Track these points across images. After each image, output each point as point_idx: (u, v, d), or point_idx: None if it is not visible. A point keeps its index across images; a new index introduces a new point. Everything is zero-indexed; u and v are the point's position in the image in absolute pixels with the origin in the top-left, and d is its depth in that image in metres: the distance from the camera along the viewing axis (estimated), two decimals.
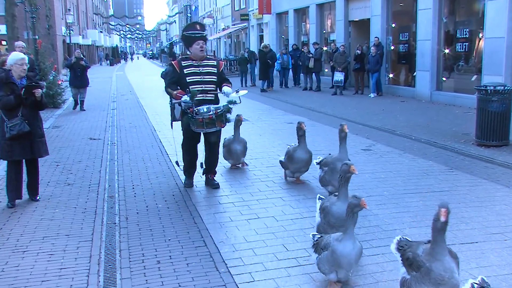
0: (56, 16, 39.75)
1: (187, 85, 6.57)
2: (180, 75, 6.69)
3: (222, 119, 6.56)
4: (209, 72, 6.77)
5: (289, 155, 7.08)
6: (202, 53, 6.76)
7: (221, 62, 7.16)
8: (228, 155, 8.10)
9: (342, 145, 6.22)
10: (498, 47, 13.18)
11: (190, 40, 6.74)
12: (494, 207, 6.05)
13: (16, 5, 20.18)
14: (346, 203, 4.25)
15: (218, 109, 6.49)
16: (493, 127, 9.11)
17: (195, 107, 6.39)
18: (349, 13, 22.14)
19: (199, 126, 6.52)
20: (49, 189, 7.12)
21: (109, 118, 14.41)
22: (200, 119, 6.41)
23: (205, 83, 6.69)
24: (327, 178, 6.25)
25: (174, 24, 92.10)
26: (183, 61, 6.80)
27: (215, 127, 6.59)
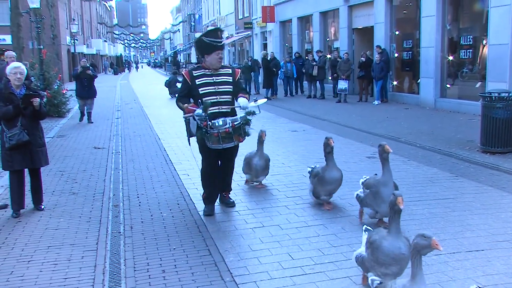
0: (60, 25, 39.97)
1: (200, 97, 5.92)
2: (192, 87, 6.07)
3: (240, 132, 5.84)
4: (224, 81, 6.11)
5: (320, 176, 6.26)
6: (220, 63, 6.16)
7: (237, 70, 6.47)
8: (247, 169, 7.48)
9: (386, 167, 5.55)
10: (502, 54, 13.16)
11: (210, 48, 6.07)
12: (500, 215, 6.02)
13: (22, 15, 20.31)
14: (399, 238, 3.98)
15: (235, 121, 5.81)
16: (498, 133, 9.08)
17: (210, 121, 5.72)
18: (353, 20, 22.17)
19: (215, 142, 5.81)
20: (54, 198, 7.13)
21: (114, 127, 14.45)
22: (216, 133, 5.72)
23: (220, 93, 6.02)
24: (368, 202, 5.66)
25: (178, 33, 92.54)
26: (195, 71, 6.17)
27: (233, 142, 5.89)
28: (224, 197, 6.62)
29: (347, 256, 4.88)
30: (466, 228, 5.57)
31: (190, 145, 6.47)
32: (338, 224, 5.84)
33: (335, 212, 6.27)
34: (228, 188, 6.63)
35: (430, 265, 4.59)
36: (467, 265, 4.61)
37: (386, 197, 5.14)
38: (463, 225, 5.63)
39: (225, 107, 6.04)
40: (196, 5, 70.03)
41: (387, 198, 5.05)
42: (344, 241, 5.30)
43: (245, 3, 41.58)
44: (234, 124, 5.78)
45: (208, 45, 6.07)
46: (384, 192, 5.37)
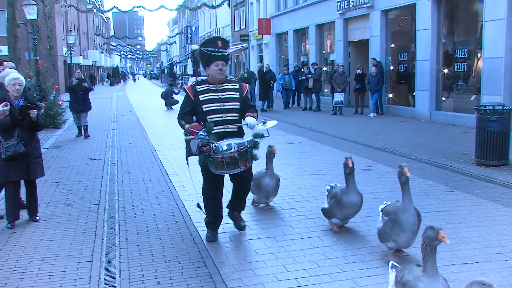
0: (57, 36, 40.03)
1: (204, 115, 5.43)
2: (195, 103, 5.53)
3: (247, 157, 5.30)
4: (231, 97, 5.55)
5: (337, 199, 5.75)
6: (221, 76, 5.55)
7: (244, 85, 5.83)
8: (256, 190, 6.86)
9: (405, 192, 4.98)
10: (497, 67, 13.26)
11: (208, 58, 5.55)
12: (494, 227, 6.04)
13: (19, 26, 20.36)
14: (437, 280, 3.52)
15: (241, 146, 5.24)
16: (492, 146, 9.13)
17: (213, 143, 5.19)
18: (349, 33, 22.33)
19: (219, 167, 5.27)
20: (49, 210, 7.11)
21: (110, 138, 14.45)
22: (219, 158, 5.17)
23: (226, 111, 5.48)
24: (387, 231, 5.02)
25: (175, 44, 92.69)
26: (199, 86, 5.62)
27: (239, 168, 5.30)
28: (235, 217, 6.06)
29: (342, 269, 4.88)
30: (460, 240, 5.59)
31: (188, 165, 5.95)
32: (333, 236, 5.84)
33: (329, 224, 6.27)
34: (240, 208, 6.06)
35: None
36: (462, 278, 4.62)
37: (406, 225, 4.87)
38: (458, 238, 5.65)
39: (231, 126, 5.50)
40: (193, 17, 70.32)
41: (407, 226, 4.84)
42: (339, 253, 5.31)
43: (241, 16, 41.82)
44: (240, 148, 5.22)
45: (206, 55, 5.57)
46: (404, 219, 4.90)
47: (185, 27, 72.62)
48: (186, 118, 5.55)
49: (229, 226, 6.27)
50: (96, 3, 67.28)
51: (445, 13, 16.21)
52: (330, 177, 8.77)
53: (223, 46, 5.62)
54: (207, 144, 5.18)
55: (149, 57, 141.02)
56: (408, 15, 18.39)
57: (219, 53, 5.56)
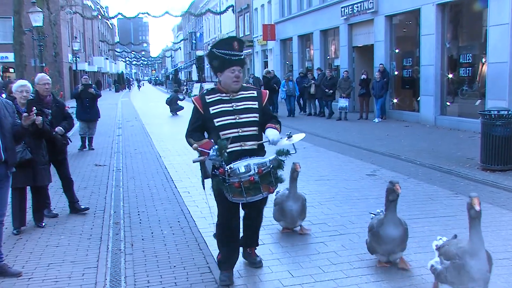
0: (63, 43, 40.25)
1: (217, 131, 4.50)
2: (205, 117, 4.57)
3: (271, 180, 4.36)
4: (247, 108, 4.58)
5: (374, 232, 4.96)
6: (237, 85, 4.59)
7: (264, 92, 4.84)
8: (280, 215, 6.04)
9: (474, 229, 3.98)
10: (502, 72, 13.25)
11: (222, 63, 4.57)
12: (500, 232, 6.02)
13: (25, 33, 20.49)
14: None
15: (262, 166, 4.31)
16: (497, 151, 9.11)
17: (228, 165, 4.29)
18: (353, 39, 22.35)
19: (236, 194, 4.32)
20: None
21: (115, 144, 14.48)
22: (237, 183, 4.24)
23: (242, 125, 4.52)
24: (450, 279, 4.08)
25: (179, 50, 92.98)
26: (208, 96, 4.64)
27: (261, 194, 4.35)
28: (249, 254, 5.17)
29: (347, 274, 4.88)
30: None
31: (205, 189, 4.84)
32: (338, 241, 5.84)
33: (335, 229, 6.27)
34: (254, 242, 5.17)
35: (430, 282, 4.58)
36: None
37: (477, 273, 3.91)
38: None
39: (249, 144, 4.54)
40: (197, 23, 70.55)
41: (477, 274, 3.91)
42: (344, 258, 5.30)
43: (246, 22, 41.93)
44: (261, 169, 4.28)
45: (220, 59, 4.57)
46: (473, 266, 3.92)
47: (189, 33, 72.86)
48: (195, 135, 4.57)
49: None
50: (101, 9, 67.63)
51: (449, 18, 16.22)
52: (335, 182, 8.77)
53: (240, 48, 4.65)
54: (221, 166, 4.26)
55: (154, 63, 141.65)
56: (413, 20, 18.40)
57: (235, 56, 4.57)
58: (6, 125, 4.96)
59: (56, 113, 7.15)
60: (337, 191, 8.19)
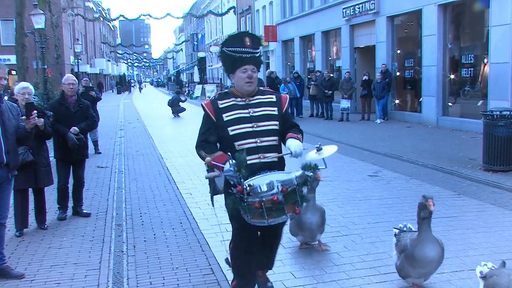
0: (64, 45, 40.34)
1: (231, 141, 3.92)
2: (218, 125, 3.98)
3: (296, 199, 3.71)
4: (267, 115, 4.01)
5: (408, 253, 4.29)
6: (250, 86, 4.01)
7: (283, 97, 4.26)
8: (297, 229, 5.50)
9: None
10: (504, 72, 13.24)
11: (233, 62, 4.01)
12: (502, 233, 6.01)
13: (27, 35, 20.53)
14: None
15: (287, 184, 3.66)
16: (500, 152, 9.10)
17: (246, 182, 3.64)
18: (354, 39, 22.35)
19: (257, 216, 3.67)
20: (57, 217, 7.14)
21: (117, 146, 14.50)
22: (257, 203, 3.61)
23: (261, 134, 3.94)
24: None
25: (181, 52, 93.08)
26: (221, 101, 4.04)
27: (285, 215, 3.71)
28: (260, 277, 4.43)
29: (350, 275, 4.88)
30: (468, 246, 5.57)
31: (214, 206, 4.59)
32: (340, 243, 5.84)
33: (337, 230, 6.27)
34: (268, 264, 4.46)
35: (433, 283, 4.59)
36: (470, 284, 4.60)
37: None
38: (466, 244, 5.63)
39: (269, 156, 3.95)
40: (199, 25, 70.60)
41: None
42: (346, 260, 5.30)
43: (247, 23, 41.93)
44: (285, 187, 3.63)
45: (230, 58, 4.01)
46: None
47: (191, 34, 72.95)
48: (207, 146, 3.98)
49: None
50: (103, 11, 67.72)
51: (451, 19, 16.21)
52: (337, 183, 8.77)
53: (253, 45, 4.03)
54: (239, 183, 3.63)
55: (155, 65, 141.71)
56: (414, 21, 18.39)
57: (247, 54, 3.99)
58: (10, 128, 4.97)
59: (79, 113, 7.26)
60: (339, 192, 8.19)
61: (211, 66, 60.18)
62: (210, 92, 32.20)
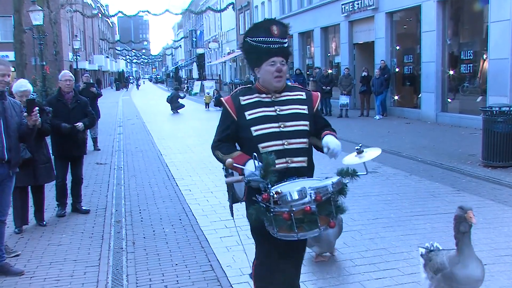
0: (63, 42, 40.26)
1: (254, 143, 3.37)
2: (239, 124, 3.45)
3: (331, 210, 3.14)
4: (295, 114, 3.47)
5: (446, 273, 3.73)
6: (279, 82, 3.44)
7: (315, 94, 3.70)
8: (313, 240, 4.98)
9: None
10: (503, 68, 13.23)
11: (258, 54, 3.46)
12: (502, 229, 6.01)
13: (25, 32, 20.49)
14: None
15: (321, 192, 3.08)
16: (499, 148, 9.10)
17: (273, 188, 3.08)
18: (353, 36, 22.34)
19: (284, 229, 3.08)
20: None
21: (116, 142, 14.49)
22: (286, 213, 3.02)
23: (289, 136, 3.40)
24: None
25: (180, 48, 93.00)
26: (244, 97, 3.51)
27: (317, 228, 3.08)
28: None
29: (349, 271, 4.88)
30: None
31: (234, 218, 3.95)
32: (339, 239, 5.81)
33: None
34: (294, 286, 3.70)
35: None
36: None
37: None
38: None
39: (297, 160, 3.42)
40: (198, 21, 70.52)
41: None
42: (346, 256, 5.30)
43: (246, 19, 41.90)
44: (320, 196, 3.05)
45: (255, 50, 3.47)
46: None
47: (190, 31, 72.87)
48: (225, 147, 3.48)
49: (236, 229, 6.27)
50: (101, 8, 67.57)
51: (450, 15, 16.20)
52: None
53: (281, 34, 3.48)
54: (265, 190, 3.07)
55: (154, 62, 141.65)
56: (413, 17, 18.37)
57: (275, 44, 3.44)
58: (12, 125, 4.95)
59: (77, 110, 7.26)
60: None
61: (210, 62, 60.16)
62: (209, 89, 32.11)
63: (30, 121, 5.01)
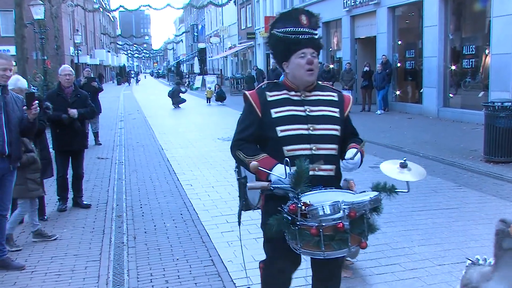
0: (64, 36, 40.22)
1: (279, 144, 3.03)
2: (264, 122, 3.09)
3: (363, 228, 2.83)
4: (326, 117, 3.14)
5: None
6: (311, 76, 3.09)
7: (347, 97, 3.35)
8: None
9: None
10: (505, 63, 13.18)
11: (287, 46, 3.12)
12: None
13: (26, 26, 20.45)
14: None
15: (357, 207, 2.75)
16: (501, 143, 9.07)
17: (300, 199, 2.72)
18: (355, 30, 22.27)
19: (311, 246, 2.73)
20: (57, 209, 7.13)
21: (117, 137, 14.48)
22: (314, 228, 2.67)
23: (318, 140, 3.07)
24: None
25: (181, 43, 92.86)
26: (271, 92, 3.16)
27: (347, 248, 2.75)
28: None
29: (350, 267, 4.86)
30: (470, 238, 5.55)
31: (240, 226, 3.76)
32: None
33: None
34: None
35: (434, 275, 4.58)
36: None
37: None
38: (467, 235, 5.62)
39: (325, 168, 3.09)
40: (199, 15, 70.41)
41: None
42: None
43: (248, 14, 41.83)
44: (354, 212, 2.71)
45: (282, 42, 3.13)
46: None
47: (191, 25, 72.74)
48: (249, 148, 3.09)
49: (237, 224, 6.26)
50: (102, 2, 67.48)
51: (452, 10, 16.13)
52: None
53: (311, 24, 3.20)
54: (294, 201, 2.71)
55: (155, 56, 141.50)
56: (415, 11, 18.30)
57: (305, 35, 3.11)
58: (13, 119, 4.93)
59: (77, 104, 7.24)
60: None
61: (211, 57, 60.09)
62: (210, 83, 32.07)
63: (30, 115, 4.99)
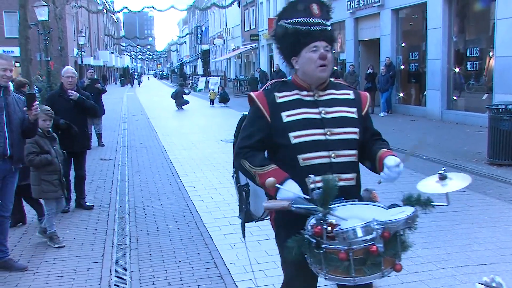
0: (68, 37, 40.32)
1: (293, 153, 2.64)
2: (274, 127, 2.69)
3: (397, 249, 2.42)
4: (343, 118, 2.74)
5: None
6: (324, 71, 2.72)
7: (363, 95, 2.93)
8: None
9: None
10: (509, 66, 13.14)
11: (296, 39, 2.73)
12: (508, 228, 5.97)
13: (30, 27, 20.50)
14: None
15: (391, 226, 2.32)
16: (505, 146, 9.04)
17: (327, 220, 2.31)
18: (359, 32, 22.25)
19: (339, 271, 2.29)
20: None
21: (120, 138, 14.49)
22: (343, 252, 2.24)
23: (336, 146, 2.68)
24: None
25: (185, 44, 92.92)
26: (280, 93, 2.75)
27: (380, 272, 2.32)
28: None
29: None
30: (473, 241, 5.53)
31: (245, 239, 3.28)
32: None
33: None
34: None
35: (437, 278, 4.56)
36: (475, 279, 4.56)
37: None
38: (471, 238, 5.59)
39: (346, 178, 2.72)
40: (203, 17, 70.48)
41: None
42: None
43: (251, 16, 41.83)
44: (388, 232, 2.29)
45: (291, 34, 2.74)
46: None
47: (195, 27, 72.79)
48: (255, 157, 2.69)
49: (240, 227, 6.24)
50: (106, 4, 67.61)
51: (456, 12, 16.10)
52: None
53: (324, 14, 2.88)
54: (320, 223, 2.30)
55: (159, 58, 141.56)
56: (419, 13, 18.28)
57: (316, 26, 2.76)
58: (15, 120, 4.93)
59: (79, 105, 7.27)
60: None
61: (215, 58, 60.10)
62: (213, 85, 32.05)
63: (30, 116, 4.99)
